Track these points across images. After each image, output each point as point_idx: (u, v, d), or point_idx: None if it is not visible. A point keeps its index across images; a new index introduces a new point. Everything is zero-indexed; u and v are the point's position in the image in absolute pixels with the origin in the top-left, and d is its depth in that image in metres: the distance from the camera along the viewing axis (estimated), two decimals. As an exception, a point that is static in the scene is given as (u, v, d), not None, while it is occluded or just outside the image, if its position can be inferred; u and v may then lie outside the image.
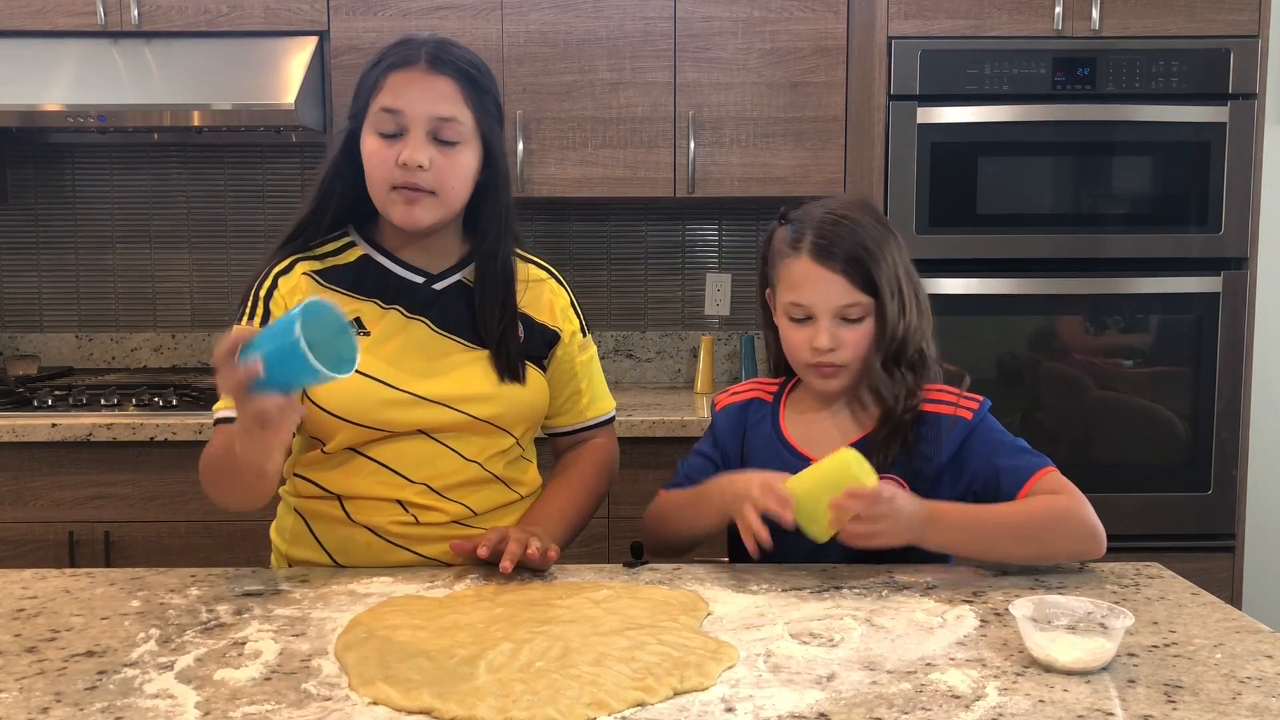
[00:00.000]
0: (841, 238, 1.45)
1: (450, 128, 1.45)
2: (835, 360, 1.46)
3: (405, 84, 1.44)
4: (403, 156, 1.42)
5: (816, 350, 1.45)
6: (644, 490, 2.61)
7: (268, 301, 1.48)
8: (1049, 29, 2.57)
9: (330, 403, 1.44)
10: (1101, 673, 1.08)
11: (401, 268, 1.53)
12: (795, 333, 1.48)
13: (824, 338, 1.45)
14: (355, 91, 1.50)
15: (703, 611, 1.26)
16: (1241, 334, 2.62)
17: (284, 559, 1.55)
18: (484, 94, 1.49)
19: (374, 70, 1.47)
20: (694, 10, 2.82)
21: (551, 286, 1.62)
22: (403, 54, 1.46)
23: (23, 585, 1.36)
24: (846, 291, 1.44)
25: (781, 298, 1.49)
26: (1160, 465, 2.66)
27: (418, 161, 1.42)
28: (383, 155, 1.44)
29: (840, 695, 1.03)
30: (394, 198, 1.45)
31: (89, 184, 3.19)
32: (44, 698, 1.01)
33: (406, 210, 1.45)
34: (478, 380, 1.50)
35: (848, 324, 1.46)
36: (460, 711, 0.97)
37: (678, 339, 3.26)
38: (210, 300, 3.21)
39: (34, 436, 2.49)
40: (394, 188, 1.44)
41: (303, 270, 1.50)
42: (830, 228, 1.45)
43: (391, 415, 1.45)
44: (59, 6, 2.76)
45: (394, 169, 1.43)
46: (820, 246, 1.45)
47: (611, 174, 2.84)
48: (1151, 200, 2.63)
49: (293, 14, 2.79)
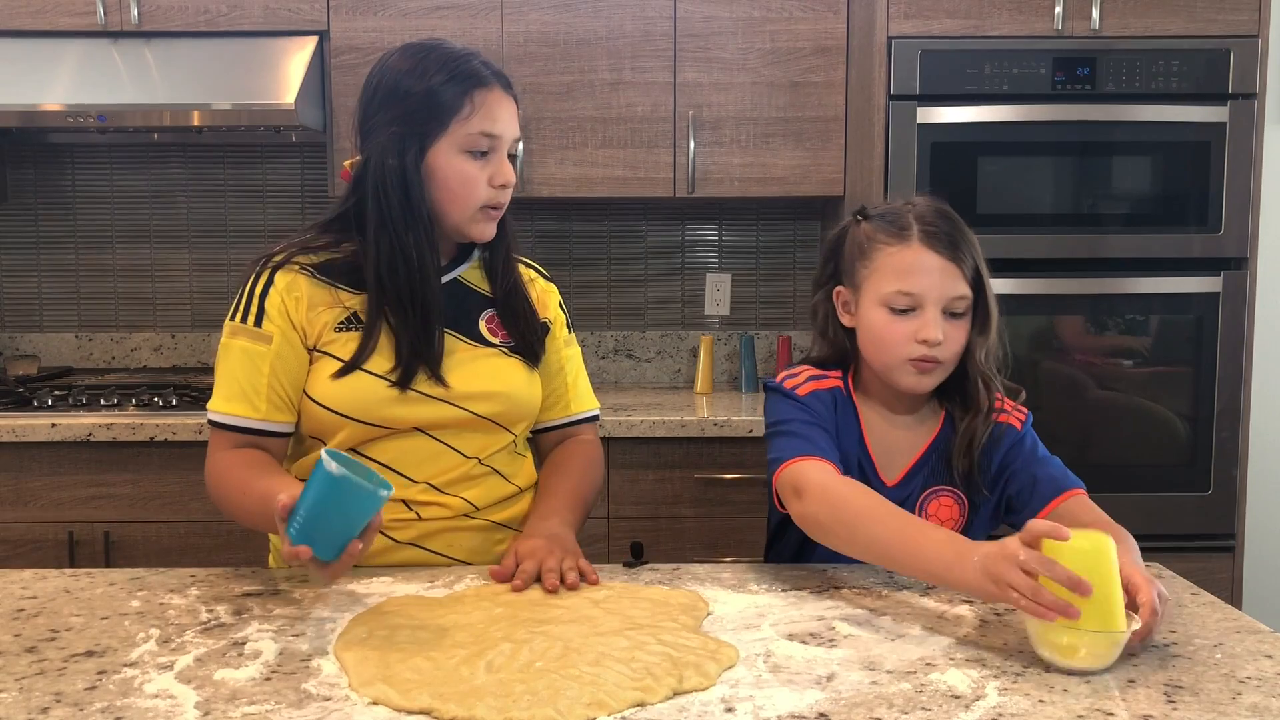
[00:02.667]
0: (949, 227, 1.42)
1: (515, 145, 1.53)
2: (939, 355, 1.42)
3: (497, 106, 1.47)
4: (499, 179, 1.47)
5: (923, 343, 1.40)
6: (644, 490, 2.63)
7: (263, 300, 1.46)
8: (1049, 29, 2.57)
9: (334, 401, 1.44)
10: (1102, 672, 1.08)
11: None
12: (896, 325, 1.42)
13: (934, 329, 1.40)
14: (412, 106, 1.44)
15: (703, 611, 1.26)
16: (1241, 334, 2.62)
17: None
18: None
19: (449, 89, 1.44)
20: (694, 10, 2.82)
21: (542, 284, 1.65)
22: (476, 72, 1.47)
23: (23, 585, 1.36)
24: (958, 281, 1.41)
25: (879, 289, 1.43)
26: (1160, 465, 2.66)
27: (513, 182, 1.49)
28: (477, 176, 1.47)
29: (840, 695, 1.03)
30: (480, 215, 1.49)
31: (89, 184, 3.19)
32: (44, 698, 1.01)
33: (490, 227, 1.51)
34: (482, 378, 1.50)
35: (952, 318, 1.42)
36: (460, 712, 0.97)
37: (678, 339, 3.26)
38: (210, 300, 3.21)
39: (34, 436, 2.49)
40: (484, 207, 1.48)
41: (300, 264, 1.48)
42: (935, 217, 1.43)
43: (394, 412, 1.45)
44: (59, 6, 2.77)
45: (488, 189, 1.47)
46: (930, 233, 1.42)
47: (611, 174, 2.84)
48: (1151, 200, 2.63)
49: (293, 14, 2.79)
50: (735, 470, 2.60)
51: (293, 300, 1.46)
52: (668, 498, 2.61)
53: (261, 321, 1.45)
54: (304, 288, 1.47)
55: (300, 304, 1.46)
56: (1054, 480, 1.44)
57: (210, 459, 1.48)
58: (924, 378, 1.43)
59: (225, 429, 1.46)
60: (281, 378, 1.45)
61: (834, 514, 1.31)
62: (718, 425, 2.57)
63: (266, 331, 1.45)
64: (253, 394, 1.45)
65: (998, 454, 1.48)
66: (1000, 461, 1.48)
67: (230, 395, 1.46)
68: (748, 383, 3.12)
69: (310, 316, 1.46)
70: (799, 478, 1.35)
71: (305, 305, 1.46)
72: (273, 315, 1.45)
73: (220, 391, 1.47)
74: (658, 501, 2.60)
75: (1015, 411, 1.51)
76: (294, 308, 1.45)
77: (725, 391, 3.13)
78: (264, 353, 1.44)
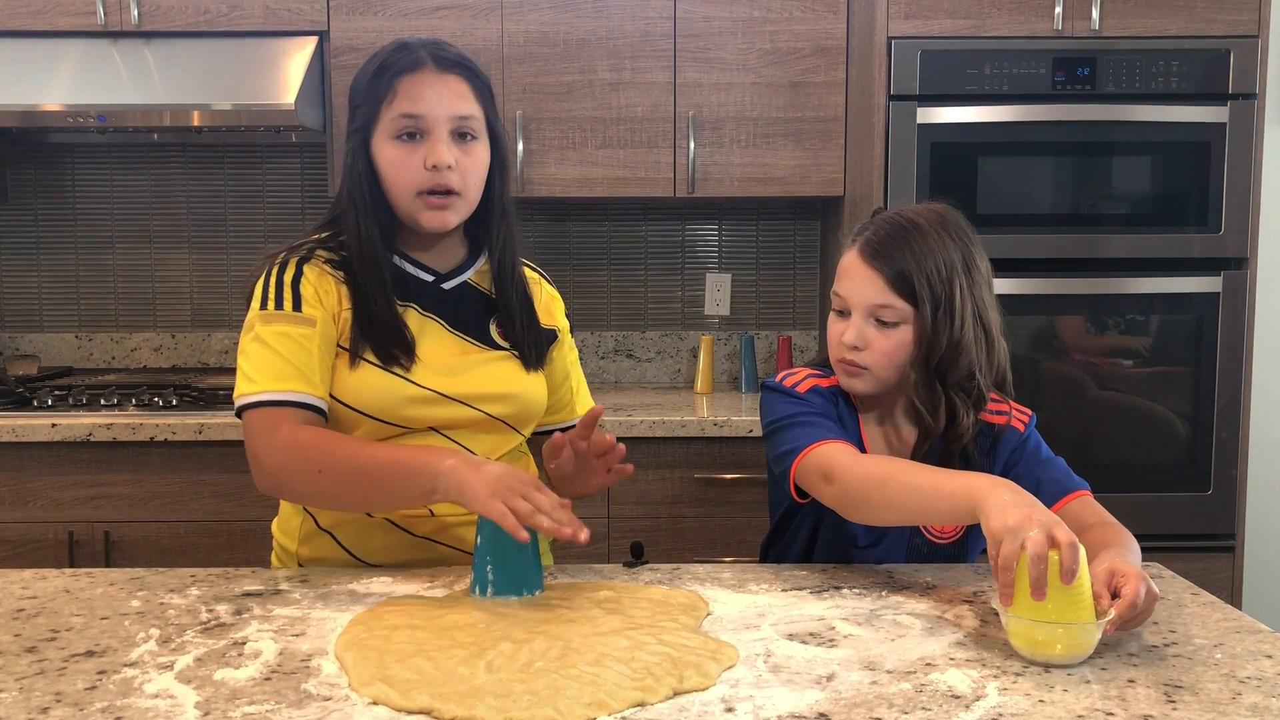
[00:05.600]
0: (893, 239, 1.42)
1: (469, 124, 1.45)
2: (859, 360, 1.43)
3: (421, 87, 1.42)
4: (431, 159, 1.41)
5: (842, 345, 1.44)
6: (644, 490, 2.63)
7: (296, 286, 1.43)
8: (1049, 29, 2.57)
9: (356, 399, 1.43)
10: (1101, 672, 1.08)
11: (412, 265, 1.51)
12: (833, 325, 1.47)
13: (851, 333, 1.43)
14: (356, 102, 1.47)
15: (703, 611, 1.26)
16: (1241, 334, 2.62)
17: (292, 557, 1.53)
18: (486, 87, 1.50)
19: (379, 78, 1.44)
20: (694, 10, 2.82)
21: (545, 288, 1.64)
22: (407, 58, 1.44)
23: (23, 585, 1.36)
24: (881, 292, 1.41)
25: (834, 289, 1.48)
26: (1160, 465, 2.66)
27: (446, 162, 1.42)
28: (406, 160, 1.42)
29: (840, 695, 1.02)
30: (420, 203, 1.44)
31: (89, 184, 3.19)
32: (44, 698, 1.01)
33: (438, 215, 1.44)
34: (496, 380, 1.50)
35: (881, 327, 1.42)
36: (460, 712, 0.97)
37: (677, 339, 3.26)
38: (210, 300, 3.21)
39: (34, 436, 2.49)
40: (420, 192, 1.43)
41: (322, 258, 1.47)
42: (886, 227, 1.43)
43: (414, 412, 1.44)
44: (59, 6, 2.77)
45: (421, 173, 1.42)
46: (868, 242, 1.43)
47: (611, 174, 2.84)
48: (1151, 200, 2.63)
49: (293, 14, 2.79)
50: (735, 470, 2.60)
51: (324, 290, 1.44)
52: (668, 498, 2.61)
53: (300, 306, 1.42)
54: (330, 283, 1.45)
55: (329, 296, 1.44)
56: (1058, 482, 1.44)
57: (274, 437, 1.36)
58: (852, 380, 1.46)
59: (282, 405, 1.38)
60: (326, 360, 1.42)
61: (862, 484, 1.32)
62: (718, 425, 2.57)
63: (309, 315, 1.41)
64: (307, 371, 1.40)
65: (1000, 457, 1.48)
66: (1003, 464, 1.47)
67: (282, 374, 1.39)
68: (748, 383, 3.11)
69: (336, 310, 1.45)
70: (825, 461, 1.36)
71: (334, 298, 1.45)
72: (310, 301, 1.43)
73: (267, 373, 1.39)
74: (658, 501, 2.60)
75: (1018, 414, 1.50)
76: (326, 297, 1.44)
77: (725, 391, 3.13)
78: (310, 334, 1.41)
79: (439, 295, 1.52)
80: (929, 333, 1.41)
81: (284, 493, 1.45)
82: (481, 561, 1.29)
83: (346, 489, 1.37)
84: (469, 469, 1.28)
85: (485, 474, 1.27)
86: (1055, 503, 1.41)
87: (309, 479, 1.36)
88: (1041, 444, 1.50)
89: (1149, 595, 1.15)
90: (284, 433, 1.36)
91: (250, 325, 1.43)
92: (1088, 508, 1.41)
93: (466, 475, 1.28)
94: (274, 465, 1.37)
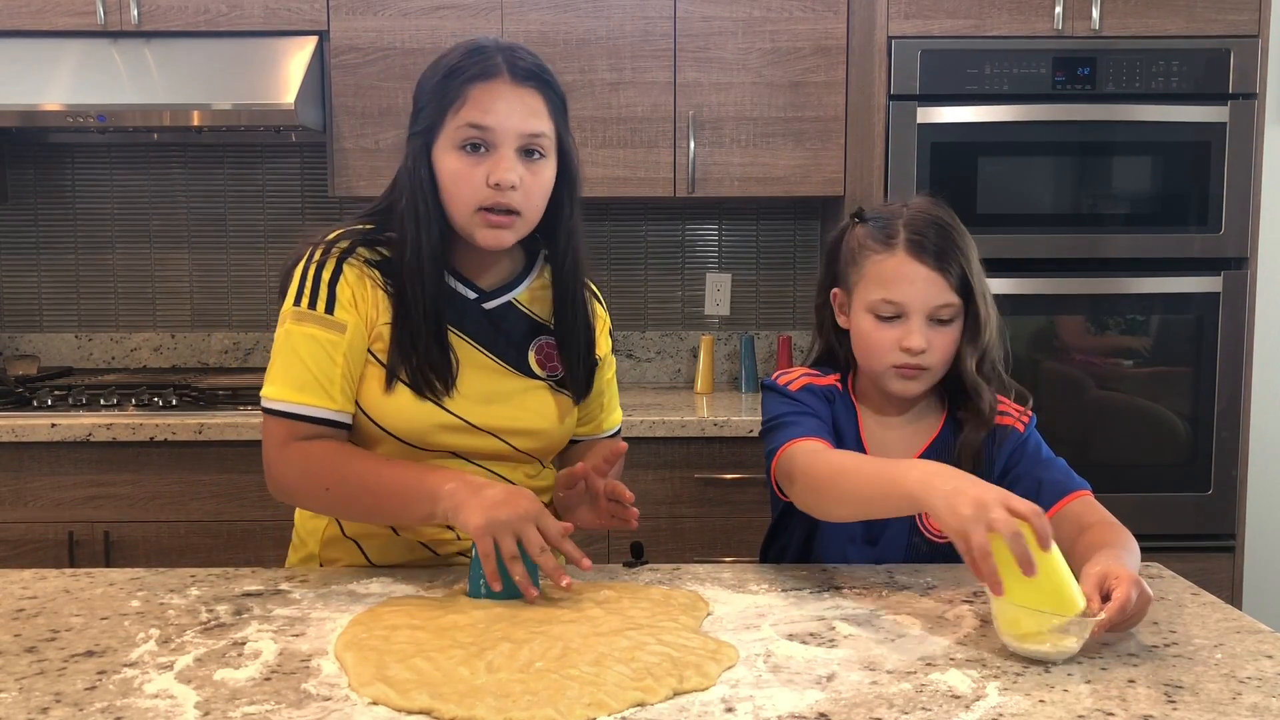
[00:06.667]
0: (936, 235, 1.42)
1: (538, 142, 1.38)
2: (923, 363, 1.42)
3: (492, 97, 1.36)
4: (494, 176, 1.35)
5: (907, 351, 1.41)
6: (644, 490, 2.62)
7: (333, 287, 1.38)
8: (1049, 29, 2.57)
9: (385, 420, 1.40)
10: (1101, 672, 1.08)
11: (455, 280, 1.45)
12: (882, 332, 1.43)
13: (918, 338, 1.40)
14: (421, 103, 1.41)
15: (703, 611, 1.26)
16: (1241, 334, 2.62)
17: (315, 559, 1.51)
18: (560, 101, 1.44)
19: (449, 81, 1.37)
20: (694, 10, 2.82)
21: (600, 314, 1.58)
22: (481, 64, 1.37)
23: (23, 585, 1.36)
24: (942, 291, 1.41)
25: (866, 296, 1.44)
26: (1160, 465, 2.66)
27: (510, 182, 1.35)
28: (468, 174, 1.36)
29: (840, 695, 1.02)
30: (478, 219, 1.37)
31: (89, 184, 3.19)
32: (44, 698, 1.01)
33: (495, 234, 1.38)
34: (529, 414, 1.46)
35: (938, 325, 1.42)
36: (459, 712, 0.97)
37: (678, 339, 3.26)
38: (210, 300, 3.20)
39: (34, 436, 2.49)
40: (480, 209, 1.37)
41: (365, 259, 1.42)
42: (924, 225, 1.42)
43: (441, 439, 1.41)
44: (59, 6, 2.77)
45: (482, 188, 1.36)
46: (915, 242, 1.41)
47: (611, 174, 2.84)
48: (1151, 200, 2.63)
49: (293, 14, 2.79)
50: (735, 470, 2.60)
51: (361, 295, 1.40)
52: (668, 498, 2.61)
53: (333, 309, 1.38)
54: (369, 287, 1.41)
55: (366, 301, 1.40)
56: (1058, 483, 1.43)
57: (286, 450, 1.37)
58: (909, 383, 1.44)
59: (296, 419, 1.37)
60: (353, 369, 1.39)
61: (816, 481, 1.33)
62: (718, 425, 2.57)
63: (340, 320, 1.38)
64: (327, 383, 1.37)
65: (1001, 457, 1.47)
66: (1003, 465, 1.47)
67: (302, 384, 1.37)
68: (748, 383, 3.11)
69: (373, 317, 1.41)
70: (788, 462, 1.38)
71: (370, 304, 1.40)
72: (345, 304, 1.38)
73: (288, 380, 1.37)
74: (658, 501, 2.60)
75: (1019, 414, 1.50)
76: (362, 302, 1.40)
77: (725, 391, 3.13)
78: (337, 342, 1.37)
79: (479, 315, 1.46)
80: (984, 323, 1.43)
81: (295, 502, 1.45)
82: (478, 565, 1.29)
83: (353, 507, 1.39)
84: (467, 492, 1.27)
85: (483, 499, 1.26)
86: (1056, 503, 1.41)
87: (317, 495, 1.38)
88: (1042, 444, 1.50)
89: (1141, 598, 1.14)
90: (295, 447, 1.37)
91: (284, 318, 1.40)
92: (1088, 508, 1.40)
93: (464, 499, 1.27)
94: (284, 477, 1.39)
